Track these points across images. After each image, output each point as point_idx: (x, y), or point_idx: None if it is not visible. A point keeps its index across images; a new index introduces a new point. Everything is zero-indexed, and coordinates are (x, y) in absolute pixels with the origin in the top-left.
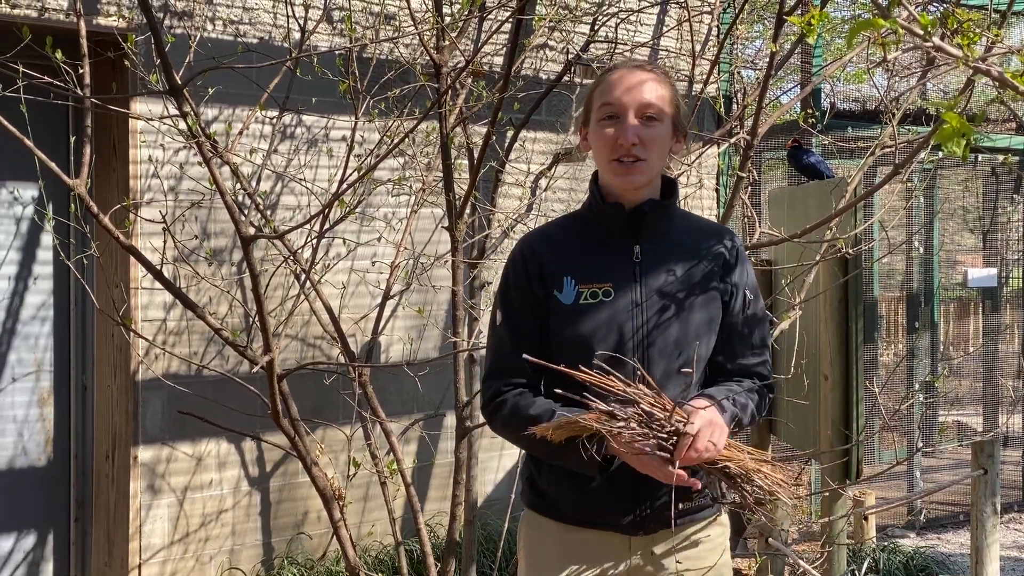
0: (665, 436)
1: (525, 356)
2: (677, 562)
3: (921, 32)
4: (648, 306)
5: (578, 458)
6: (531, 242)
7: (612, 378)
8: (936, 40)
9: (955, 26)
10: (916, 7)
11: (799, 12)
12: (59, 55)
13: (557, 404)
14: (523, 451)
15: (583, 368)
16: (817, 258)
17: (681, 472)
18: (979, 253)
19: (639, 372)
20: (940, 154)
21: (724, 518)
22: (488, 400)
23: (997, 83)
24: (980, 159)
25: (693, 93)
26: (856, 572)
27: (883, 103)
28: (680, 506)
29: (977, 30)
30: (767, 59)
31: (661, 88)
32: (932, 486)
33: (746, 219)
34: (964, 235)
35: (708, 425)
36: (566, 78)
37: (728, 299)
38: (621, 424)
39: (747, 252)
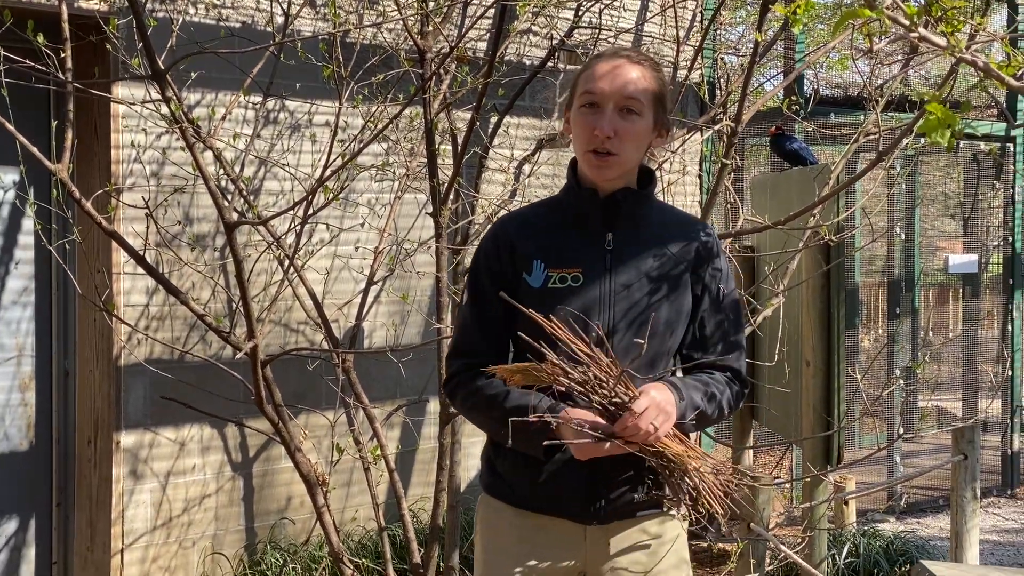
0: (611, 406)
1: (501, 294)
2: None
3: (907, 22)
4: (617, 295)
5: (526, 441)
6: (505, 224)
7: (577, 338)
8: (922, 30)
9: (939, 14)
10: None
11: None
12: (40, 39)
13: (529, 394)
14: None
15: (553, 319)
16: (800, 245)
17: (615, 447)
18: (960, 239)
19: (604, 346)
20: (923, 141)
21: (682, 512)
22: (448, 378)
23: (982, 72)
24: (962, 145)
25: (677, 79)
26: (837, 557)
27: (866, 90)
28: (636, 497)
29: (961, 18)
30: (751, 45)
31: (646, 81)
32: (912, 471)
33: (729, 205)
34: (945, 220)
35: (655, 407)
36: (550, 64)
37: (701, 293)
38: (571, 378)
39: (730, 239)
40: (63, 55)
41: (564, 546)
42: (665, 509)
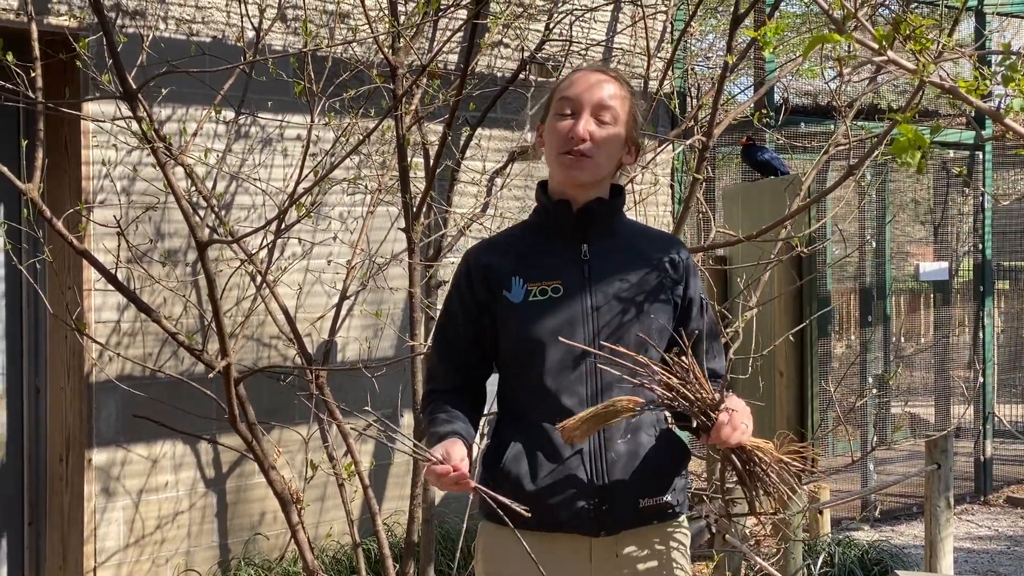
0: (701, 414)
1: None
2: (640, 563)
3: (875, 46)
4: (600, 308)
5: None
6: (476, 252)
7: (658, 365)
8: (890, 54)
9: (908, 32)
10: (866, 9)
11: (753, 18)
12: (10, 57)
13: (451, 422)
14: (479, 456)
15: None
16: (772, 257)
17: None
18: (930, 245)
19: (687, 366)
20: None
21: (685, 522)
22: (423, 401)
23: (950, 95)
24: (934, 152)
25: (649, 91)
26: (812, 568)
27: (836, 100)
28: (641, 505)
29: (930, 36)
30: (721, 54)
31: (621, 95)
32: (887, 479)
33: (700, 216)
34: (916, 227)
35: (741, 409)
36: (521, 76)
37: (685, 309)
38: (668, 397)
39: (702, 251)
40: (33, 74)
41: (570, 561)
42: (757, 500)
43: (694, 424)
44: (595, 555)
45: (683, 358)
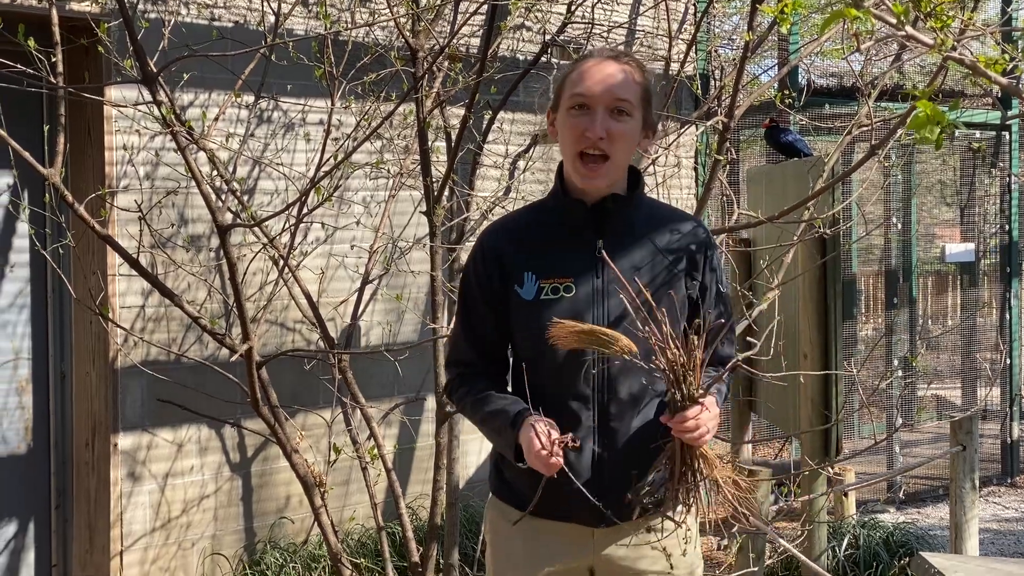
0: (679, 398)
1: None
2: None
3: (894, 21)
4: (611, 303)
5: (502, 446)
6: (491, 236)
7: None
8: (909, 29)
9: (928, 8)
10: None
11: None
12: (31, 43)
13: (509, 400)
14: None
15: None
16: (795, 239)
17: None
18: (956, 227)
19: (692, 347)
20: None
21: (692, 511)
22: (446, 385)
23: (972, 73)
24: (958, 134)
25: (671, 73)
26: (837, 549)
27: (859, 80)
28: (644, 499)
29: (951, 13)
30: (743, 38)
31: (635, 82)
32: (911, 462)
33: (724, 198)
34: (942, 208)
35: (712, 414)
36: (543, 59)
37: (699, 294)
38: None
39: (725, 233)
40: (54, 59)
41: (573, 547)
42: (662, 511)
43: (666, 398)
44: (597, 542)
45: (695, 339)
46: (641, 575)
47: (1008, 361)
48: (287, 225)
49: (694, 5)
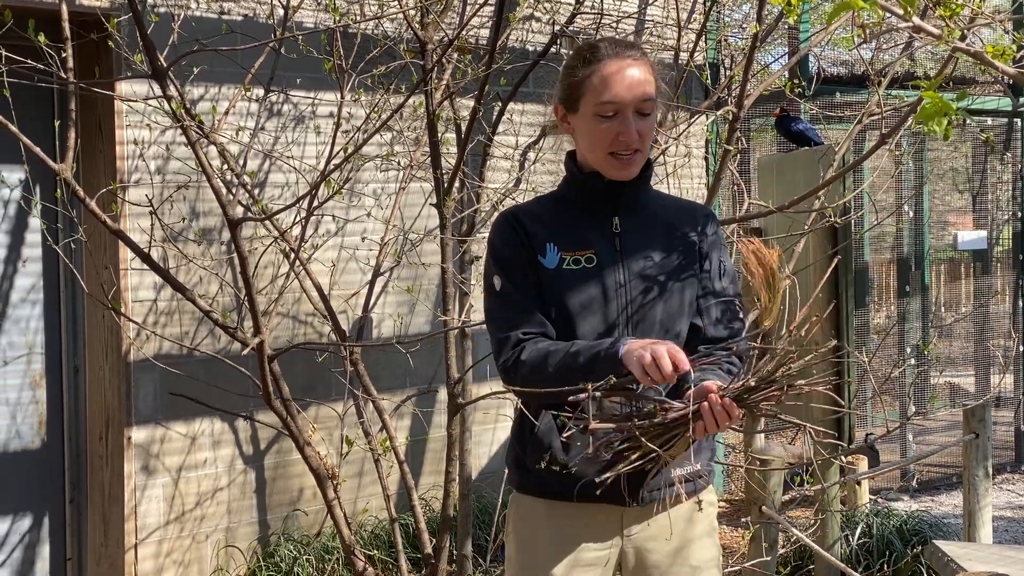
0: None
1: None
2: (667, 538)
3: (901, 11)
4: (631, 282)
5: (600, 374)
6: (513, 212)
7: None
8: (916, 20)
9: None
10: None
11: None
12: (42, 38)
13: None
14: (512, 429)
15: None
16: (806, 227)
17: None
18: (969, 214)
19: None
20: None
21: (713, 491)
22: (511, 349)
23: (978, 62)
24: (969, 121)
25: (680, 63)
26: (850, 538)
27: (870, 68)
28: (672, 476)
29: (959, 1)
30: (751, 29)
31: (652, 78)
32: (924, 450)
33: (735, 187)
34: (954, 196)
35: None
36: (553, 50)
37: (709, 277)
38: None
39: (735, 223)
40: (64, 54)
41: (601, 529)
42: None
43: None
44: (626, 524)
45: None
46: (666, 562)
47: (1021, 348)
48: (298, 218)
49: None
